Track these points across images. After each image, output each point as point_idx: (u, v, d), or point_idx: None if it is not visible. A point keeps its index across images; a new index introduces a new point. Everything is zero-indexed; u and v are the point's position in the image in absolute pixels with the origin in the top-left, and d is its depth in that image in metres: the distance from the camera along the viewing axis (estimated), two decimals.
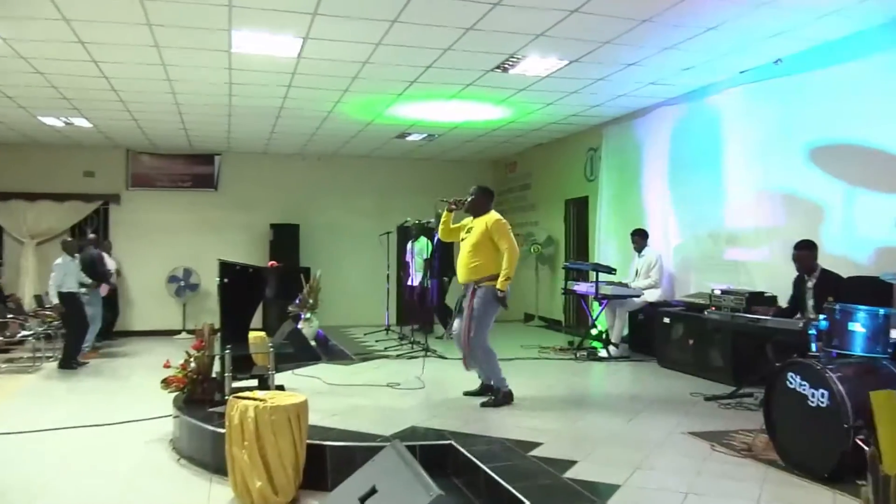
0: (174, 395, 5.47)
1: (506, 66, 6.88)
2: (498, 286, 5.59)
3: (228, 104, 8.56)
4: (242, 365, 5.54)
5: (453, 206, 5.95)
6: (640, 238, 8.30)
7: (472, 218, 5.92)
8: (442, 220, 6.09)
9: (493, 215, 5.80)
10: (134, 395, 6.84)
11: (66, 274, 8.47)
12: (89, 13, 5.52)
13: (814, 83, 6.30)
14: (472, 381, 6.06)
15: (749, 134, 7.14)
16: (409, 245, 10.20)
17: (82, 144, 11.38)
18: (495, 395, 5.73)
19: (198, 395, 5.33)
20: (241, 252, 11.39)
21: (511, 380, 5.86)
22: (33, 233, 11.54)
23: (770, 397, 4.17)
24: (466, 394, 5.96)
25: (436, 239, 8.71)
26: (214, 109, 8.85)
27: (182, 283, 11.85)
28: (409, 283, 10.18)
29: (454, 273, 6.22)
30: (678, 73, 7.15)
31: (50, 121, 9.48)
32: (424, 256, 9.61)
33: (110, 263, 10.74)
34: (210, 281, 10.97)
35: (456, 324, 5.91)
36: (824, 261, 5.59)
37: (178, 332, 11.67)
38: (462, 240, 5.90)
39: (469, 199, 5.89)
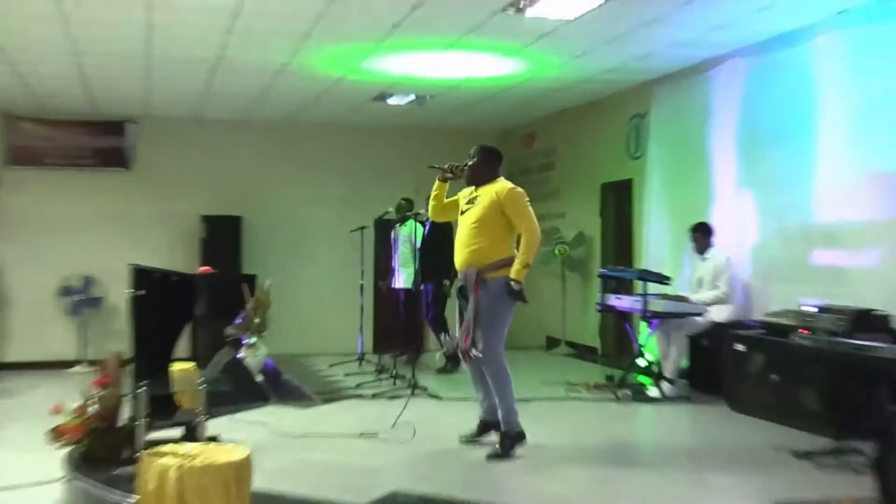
0: (66, 450, 5.41)
1: (521, 4, 6.88)
2: (512, 275, 5.69)
3: (147, 54, 8.53)
4: (162, 408, 5.54)
5: (449, 174, 6.09)
6: (702, 235, 8.32)
7: (474, 188, 6.03)
8: (433, 192, 6.19)
9: (505, 183, 5.97)
10: (8, 451, 6.66)
11: None
12: None
13: None
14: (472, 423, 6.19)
15: (853, 96, 7.13)
16: (392, 234, 10.26)
17: None
18: (502, 440, 5.82)
19: (100, 450, 5.29)
20: (161, 254, 11.32)
21: (528, 427, 5.92)
22: None
23: (885, 454, 4.16)
24: (464, 439, 6.13)
25: (427, 225, 8.68)
26: (128, 61, 8.82)
27: (79, 297, 11.77)
28: (393, 284, 10.24)
29: (457, 275, 6.30)
30: (754, 14, 7.15)
31: None
32: (415, 245, 9.57)
33: None
34: (119, 293, 10.70)
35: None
36: None
37: (74, 363, 11.57)
38: (463, 213, 6.00)
39: (469, 164, 6.00)
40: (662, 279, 8.38)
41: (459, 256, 5.94)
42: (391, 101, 10.87)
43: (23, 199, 11.86)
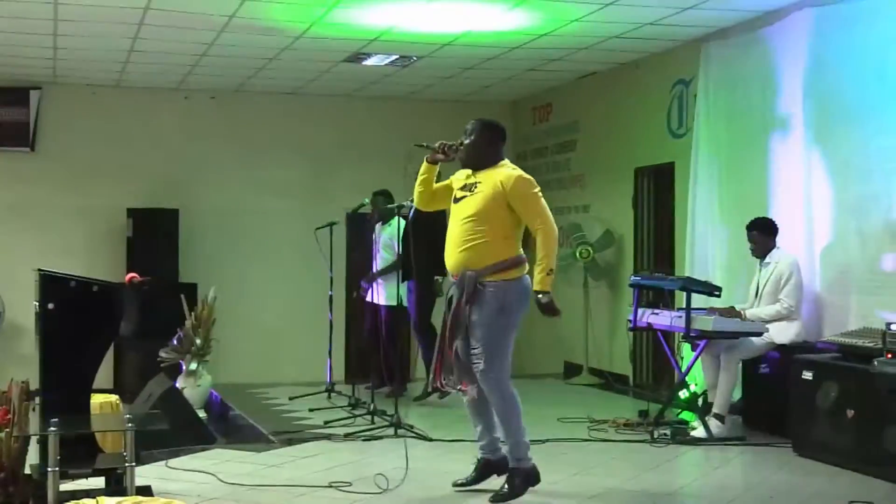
0: None
1: None
2: (538, 287, 5.92)
3: (54, 1, 8.54)
4: (79, 452, 5.53)
5: (440, 155, 6.24)
6: (762, 234, 8.31)
7: (470, 172, 6.19)
8: (420, 177, 6.36)
9: (511, 170, 6.13)
10: None
11: None
12: None
13: None
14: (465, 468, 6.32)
15: None
16: (375, 234, 10.33)
17: None
18: (510, 479, 6.03)
19: None
20: (78, 257, 11.39)
21: (543, 475, 6.07)
22: None
23: None
24: (457, 486, 6.32)
25: (411, 214, 8.84)
26: (30, 9, 8.83)
27: None
28: (371, 297, 10.30)
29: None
30: None
31: None
32: (397, 249, 9.71)
33: None
34: (22, 307, 10.74)
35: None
36: None
37: None
38: (457, 200, 6.19)
39: (466, 143, 6.16)
40: (711, 290, 8.37)
41: (452, 256, 6.06)
42: (368, 62, 10.93)
43: None
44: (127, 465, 5.23)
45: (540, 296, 5.89)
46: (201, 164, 12.67)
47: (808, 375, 7.42)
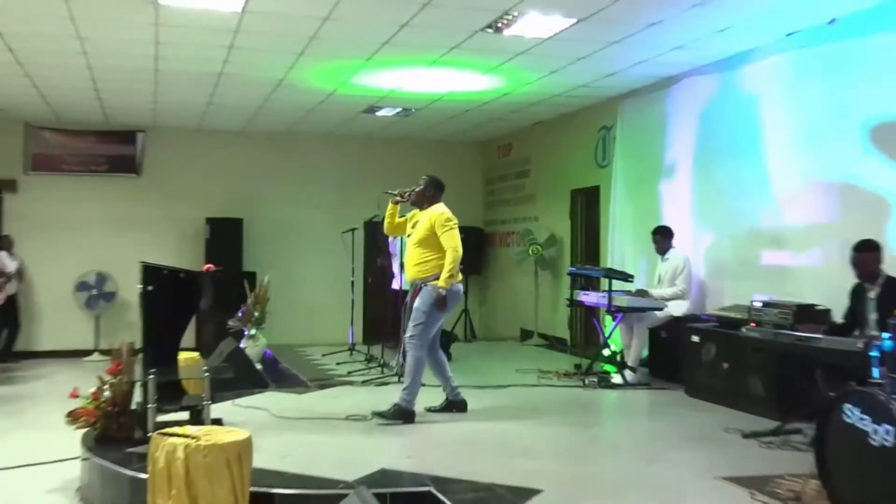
0: (83, 431, 5.43)
1: (499, 25, 6.91)
2: (440, 283, 6.13)
3: (154, 68, 8.52)
4: (170, 394, 5.57)
5: (398, 199, 6.62)
6: (663, 237, 8.34)
7: (417, 210, 6.51)
8: (387, 212, 6.72)
9: (439, 209, 6.41)
10: (32, 432, 6.77)
11: None
12: None
13: (877, 49, 6.34)
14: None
15: (797, 111, 7.19)
16: (390, 239, 10.19)
17: None
18: (392, 409, 6.21)
19: (113, 431, 5.34)
20: (169, 253, 11.36)
21: (504, 411, 6.21)
22: None
23: (823, 434, 4.20)
24: (427, 409, 6.54)
25: None
26: (137, 75, 8.81)
27: (94, 292, 11.77)
28: (393, 286, 10.19)
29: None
30: (711, 36, 7.21)
31: None
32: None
33: (10, 264, 10.63)
34: (130, 289, 10.80)
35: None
36: (890, 266, 5.64)
37: (90, 352, 11.57)
38: (408, 235, 6.50)
39: (415, 190, 6.48)
40: (626, 277, 8.41)
41: (408, 270, 6.49)
42: (380, 113, 10.89)
43: (42, 202, 11.86)
44: (204, 402, 5.35)
45: (439, 290, 6.13)
46: (259, 186, 12.58)
47: (695, 339, 7.49)
